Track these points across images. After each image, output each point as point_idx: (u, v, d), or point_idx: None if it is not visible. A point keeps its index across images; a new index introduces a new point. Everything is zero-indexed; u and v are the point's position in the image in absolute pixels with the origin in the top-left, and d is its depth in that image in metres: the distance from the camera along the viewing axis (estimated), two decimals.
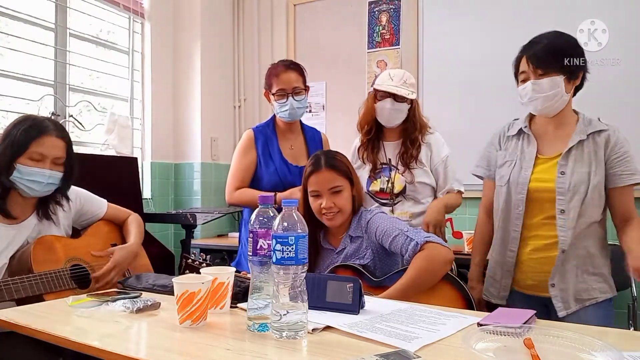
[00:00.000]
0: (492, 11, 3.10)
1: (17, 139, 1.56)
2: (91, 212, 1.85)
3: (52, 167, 1.61)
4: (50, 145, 1.60)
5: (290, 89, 2.05)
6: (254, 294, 1.10)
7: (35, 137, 1.58)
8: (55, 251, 1.62)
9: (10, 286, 1.42)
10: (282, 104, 2.07)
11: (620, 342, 1.04)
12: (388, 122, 2.00)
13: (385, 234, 1.59)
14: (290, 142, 2.19)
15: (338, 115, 3.52)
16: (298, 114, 2.11)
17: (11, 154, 1.55)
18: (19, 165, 1.55)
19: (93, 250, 1.74)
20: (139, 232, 1.89)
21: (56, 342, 1.08)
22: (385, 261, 1.66)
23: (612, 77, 2.81)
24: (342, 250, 1.68)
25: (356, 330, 1.07)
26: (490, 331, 1.04)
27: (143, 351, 0.99)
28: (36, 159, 1.57)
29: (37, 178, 1.57)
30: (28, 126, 1.59)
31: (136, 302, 1.29)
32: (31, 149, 1.56)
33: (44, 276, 1.50)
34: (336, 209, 1.63)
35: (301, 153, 2.19)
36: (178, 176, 3.60)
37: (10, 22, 2.58)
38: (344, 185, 1.65)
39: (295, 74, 2.08)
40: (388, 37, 3.41)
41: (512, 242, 1.65)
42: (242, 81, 3.87)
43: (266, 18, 3.82)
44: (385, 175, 2.01)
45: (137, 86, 3.39)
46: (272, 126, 2.18)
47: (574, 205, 1.54)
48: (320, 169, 1.65)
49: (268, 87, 2.12)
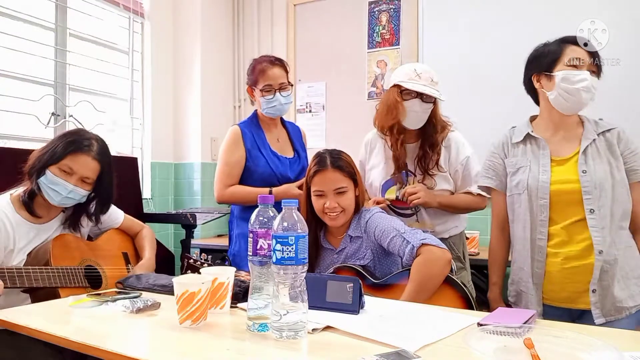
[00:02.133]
0: (492, 11, 3.10)
1: (56, 149, 1.63)
2: (109, 222, 1.90)
3: (78, 183, 1.65)
4: (82, 164, 1.65)
5: (277, 85, 2.06)
6: (254, 294, 1.10)
7: (72, 152, 1.64)
8: (72, 250, 1.67)
9: (30, 274, 1.49)
10: (270, 100, 2.06)
11: (620, 342, 1.04)
12: (414, 124, 1.85)
13: (383, 234, 1.59)
14: (276, 135, 2.20)
15: (338, 115, 3.52)
16: (285, 109, 2.12)
17: (46, 160, 1.63)
18: (49, 172, 1.62)
19: (105, 255, 1.79)
20: (153, 247, 1.94)
21: (56, 342, 1.08)
22: (384, 261, 1.66)
23: (612, 77, 2.81)
24: (342, 250, 1.68)
25: (356, 330, 1.06)
26: (490, 331, 1.04)
27: (143, 351, 0.99)
28: (65, 171, 1.63)
29: (58, 189, 1.62)
30: (71, 140, 1.66)
31: (136, 302, 1.29)
32: (64, 162, 1.63)
33: (61, 270, 1.56)
34: (340, 209, 1.63)
35: (287, 145, 2.21)
36: (178, 176, 3.60)
37: (10, 22, 2.58)
38: (348, 186, 1.64)
39: (280, 69, 2.09)
40: (388, 37, 3.41)
41: (539, 252, 1.53)
42: (242, 81, 3.87)
43: (266, 18, 3.82)
44: (403, 180, 1.89)
45: (137, 86, 3.38)
46: (257, 121, 2.18)
47: (604, 204, 1.46)
48: (325, 169, 1.64)
49: (253, 83, 2.11)
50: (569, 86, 1.51)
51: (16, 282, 1.45)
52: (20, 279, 1.46)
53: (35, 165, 1.63)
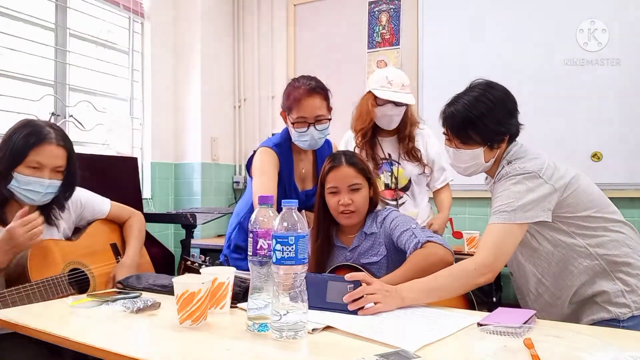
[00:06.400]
0: (492, 11, 3.10)
1: (15, 147, 1.51)
2: (92, 214, 1.81)
3: (51, 175, 1.56)
4: (50, 155, 1.54)
5: (312, 118, 1.76)
6: (254, 294, 1.10)
7: (34, 145, 1.52)
8: (53, 256, 1.57)
9: (6, 296, 1.36)
10: (302, 133, 1.79)
11: (620, 342, 1.04)
12: (388, 126, 2.02)
13: (397, 228, 1.60)
14: (302, 163, 1.96)
15: (338, 115, 3.50)
16: (318, 144, 1.85)
17: (9, 163, 1.51)
18: (17, 174, 1.51)
19: (92, 252, 1.71)
20: (139, 238, 1.83)
21: (56, 342, 1.08)
22: (396, 258, 1.63)
23: (612, 77, 2.81)
24: (355, 248, 1.67)
25: (356, 330, 1.06)
26: (490, 331, 1.04)
27: (143, 351, 0.98)
28: (35, 167, 1.52)
29: (35, 188, 1.53)
30: (27, 133, 1.53)
31: (136, 302, 1.29)
32: (30, 158, 1.51)
33: (40, 285, 1.44)
34: (353, 207, 1.61)
35: (309, 176, 1.98)
36: (178, 176, 3.60)
37: (10, 22, 2.58)
38: (362, 184, 1.64)
39: (320, 99, 1.79)
40: (388, 37, 3.41)
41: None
42: (242, 81, 3.87)
43: (266, 18, 3.82)
44: (387, 170, 2.03)
45: (137, 86, 3.38)
46: (289, 144, 1.90)
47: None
48: (340, 165, 1.63)
49: (287, 110, 1.82)
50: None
51: None
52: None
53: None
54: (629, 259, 1.38)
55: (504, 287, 2.94)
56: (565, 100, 2.90)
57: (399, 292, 1.27)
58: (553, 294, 1.45)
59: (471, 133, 1.44)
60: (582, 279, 1.40)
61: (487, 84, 1.49)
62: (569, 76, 2.89)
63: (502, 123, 1.43)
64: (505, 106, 1.44)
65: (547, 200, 1.36)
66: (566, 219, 1.39)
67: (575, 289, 1.41)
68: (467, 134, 1.45)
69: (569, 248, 1.40)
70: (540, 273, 1.46)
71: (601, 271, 1.38)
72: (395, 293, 1.26)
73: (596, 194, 1.43)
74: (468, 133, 1.44)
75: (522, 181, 1.37)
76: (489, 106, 1.42)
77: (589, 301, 1.40)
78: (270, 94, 3.78)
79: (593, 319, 1.38)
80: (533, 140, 1.56)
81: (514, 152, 1.48)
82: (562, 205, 1.38)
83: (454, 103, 1.48)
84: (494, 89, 1.46)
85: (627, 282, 1.36)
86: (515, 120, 1.47)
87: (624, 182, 2.82)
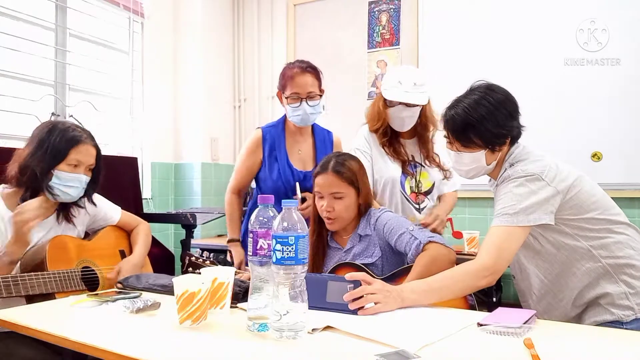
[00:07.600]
0: (492, 11, 3.10)
1: (55, 147, 1.62)
2: (105, 218, 1.89)
3: (86, 172, 1.69)
4: (87, 153, 1.68)
5: (304, 94, 1.93)
6: (254, 294, 1.10)
7: (75, 144, 1.65)
8: (68, 252, 1.65)
9: (26, 281, 1.46)
10: (295, 108, 1.95)
11: (619, 341, 1.04)
12: (401, 128, 1.94)
13: (392, 231, 1.60)
14: (299, 145, 2.08)
15: (338, 115, 3.51)
16: (310, 119, 2.00)
17: (50, 162, 1.61)
18: (58, 172, 1.62)
19: (102, 254, 1.77)
20: (146, 243, 1.93)
21: (56, 342, 1.08)
22: (392, 260, 1.65)
23: (612, 77, 2.81)
24: (350, 249, 1.68)
25: (356, 330, 1.06)
26: (490, 331, 1.04)
27: (143, 351, 0.98)
28: (74, 165, 1.65)
29: (75, 184, 1.65)
30: (66, 134, 1.66)
31: (136, 302, 1.29)
32: (70, 156, 1.64)
33: (57, 275, 1.54)
34: (334, 215, 1.63)
35: (309, 157, 2.09)
36: (178, 176, 3.60)
37: (10, 22, 2.58)
38: (345, 193, 1.64)
39: (312, 77, 1.95)
40: (388, 37, 3.41)
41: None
42: (242, 81, 3.87)
43: (266, 18, 3.82)
44: (411, 172, 1.98)
45: (137, 86, 3.38)
46: (282, 127, 2.08)
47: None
48: (325, 172, 1.65)
49: (281, 88, 2.00)
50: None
51: (12, 291, 1.41)
52: (16, 287, 1.43)
53: (35, 168, 1.59)
54: (633, 261, 1.37)
55: (504, 287, 2.94)
56: (565, 100, 2.90)
57: (400, 293, 1.27)
58: (556, 296, 1.45)
59: (472, 136, 1.44)
60: (585, 281, 1.39)
61: (487, 86, 1.48)
62: (569, 76, 2.89)
63: (502, 126, 1.43)
64: (506, 109, 1.44)
65: (549, 203, 1.35)
66: (569, 221, 1.38)
67: (578, 291, 1.40)
68: (467, 137, 1.44)
69: (572, 250, 1.39)
70: (543, 275, 1.46)
71: (604, 273, 1.37)
72: (396, 293, 1.26)
73: (599, 196, 1.42)
74: (469, 136, 1.44)
75: (524, 183, 1.37)
76: (490, 109, 1.42)
77: (592, 303, 1.39)
78: (270, 94, 3.77)
79: (596, 321, 1.37)
80: (533, 140, 1.56)
81: (516, 154, 1.48)
82: (565, 207, 1.37)
83: (455, 106, 1.48)
84: (495, 92, 1.46)
85: (630, 284, 1.36)
86: (516, 123, 1.47)
87: (623, 182, 2.82)
